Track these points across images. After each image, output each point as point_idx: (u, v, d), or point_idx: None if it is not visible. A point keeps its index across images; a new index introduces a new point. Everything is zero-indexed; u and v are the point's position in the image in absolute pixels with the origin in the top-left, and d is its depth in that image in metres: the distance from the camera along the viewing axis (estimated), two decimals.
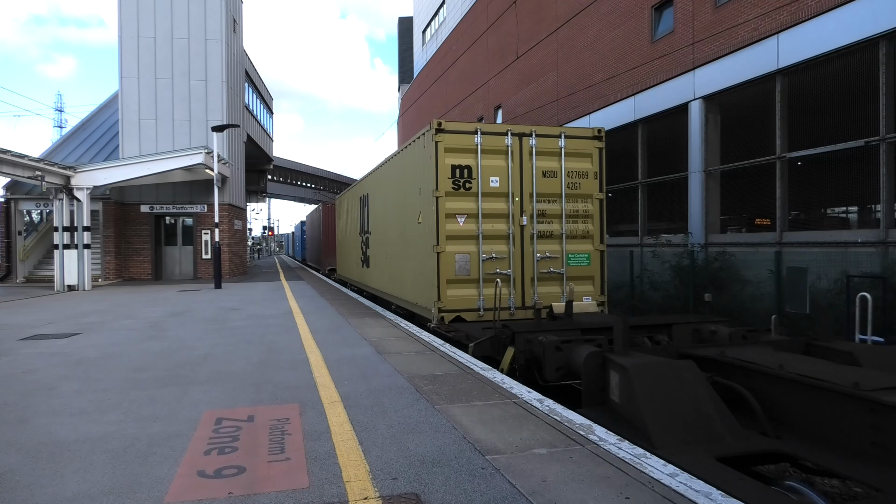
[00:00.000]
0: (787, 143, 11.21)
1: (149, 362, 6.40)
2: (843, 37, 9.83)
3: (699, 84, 13.11)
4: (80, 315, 10.96)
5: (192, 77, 21.10)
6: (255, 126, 29.46)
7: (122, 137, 20.72)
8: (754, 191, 13.11)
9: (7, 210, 20.71)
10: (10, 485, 3.12)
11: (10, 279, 20.75)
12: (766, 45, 11.32)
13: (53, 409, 4.59)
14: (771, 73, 11.25)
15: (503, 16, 23.15)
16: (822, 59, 10.33)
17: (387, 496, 2.93)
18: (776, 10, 11.09)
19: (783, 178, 11.23)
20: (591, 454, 3.47)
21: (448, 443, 3.69)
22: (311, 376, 5.59)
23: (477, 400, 4.68)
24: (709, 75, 12.83)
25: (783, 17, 10.95)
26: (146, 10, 20.74)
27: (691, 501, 2.83)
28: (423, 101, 36.28)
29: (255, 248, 64.90)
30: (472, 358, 6.49)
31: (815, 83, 11.11)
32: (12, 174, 15.49)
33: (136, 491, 3.04)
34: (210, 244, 20.98)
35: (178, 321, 9.89)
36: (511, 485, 3.04)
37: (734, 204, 13.58)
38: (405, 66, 53.01)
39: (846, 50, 9.88)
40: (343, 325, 9.11)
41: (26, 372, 5.98)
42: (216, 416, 4.34)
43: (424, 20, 44.05)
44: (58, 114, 57.17)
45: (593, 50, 17.14)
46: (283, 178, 61.70)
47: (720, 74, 12.50)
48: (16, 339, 8.12)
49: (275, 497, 2.95)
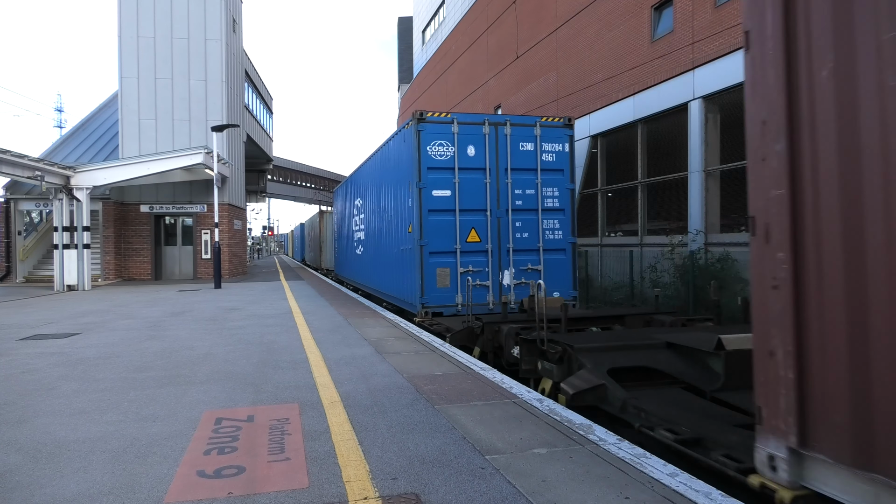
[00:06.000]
0: None
1: (148, 362, 6.40)
2: None
3: (699, 84, 13.11)
4: (79, 315, 10.96)
5: (191, 77, 21.10)
6: (255, 126, 29.46)
7: (121, 137, 20.72)
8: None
9: (7, 210, 20.70)
10: (10, 485, 3.12)
11: (10, 279, 20.75)
12: None
13: (53, 408, 4.59)
14: None
15: (503, 16, 23.16)
16: None
17: (387, 496, 2.93)
18: None
19: None
20: (590, 454, 3.47)
21: (448, 442, 3.68)
22: (311, 376, 5.59)
23: (477, 400, 4.68)
24: (709, 75, 12.83)
25: None
26: (146, 10, 20.73)
27: (691, 501, 2.83)
28: (423, 100, 36.29)
29: (254, 248, 64.92)
30: (472, 358, 6.56)
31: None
32: (12, 174, 15.48)
33: (136, 491, 3.03)
34: (210, 244, 20.98)
35: (177, 321, 9.89)
36: (511, 485, 3.04)
37: (734, 204, 13.58)
38: (405, 66, 53.03)
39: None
40: (343, 325, 9.11)
41: (26, 372, 5.98)
42: (216, 415, 4.34)
43: (424, 20, 44.06)
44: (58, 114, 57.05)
45: (593, 50, 17.14)
46: (283, 178, 61.68)
47: (720, 74, 12.50)
48: (15, 339, 8.12)
49: (274, 497, 2.95)
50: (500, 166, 8.98)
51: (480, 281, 8.92)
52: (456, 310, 8.83)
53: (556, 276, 9.27)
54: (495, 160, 8.96)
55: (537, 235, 9.16)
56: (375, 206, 12.01)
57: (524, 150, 9.10)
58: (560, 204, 9.30)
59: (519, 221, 9.10)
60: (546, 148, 9.18)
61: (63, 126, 54.89)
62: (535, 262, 9.16)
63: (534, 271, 9.17)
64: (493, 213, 8.97)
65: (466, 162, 8.86)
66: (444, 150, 8.75)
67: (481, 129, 8.90)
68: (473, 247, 8.93)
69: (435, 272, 8.75)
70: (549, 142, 9.18)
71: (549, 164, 9.20)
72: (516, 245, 9.11)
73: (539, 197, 9.15)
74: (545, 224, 9.20)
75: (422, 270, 8.69)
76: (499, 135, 8.95)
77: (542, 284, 7.69)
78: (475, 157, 8.91)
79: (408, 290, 9.40)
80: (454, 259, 8.86)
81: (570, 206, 9.35)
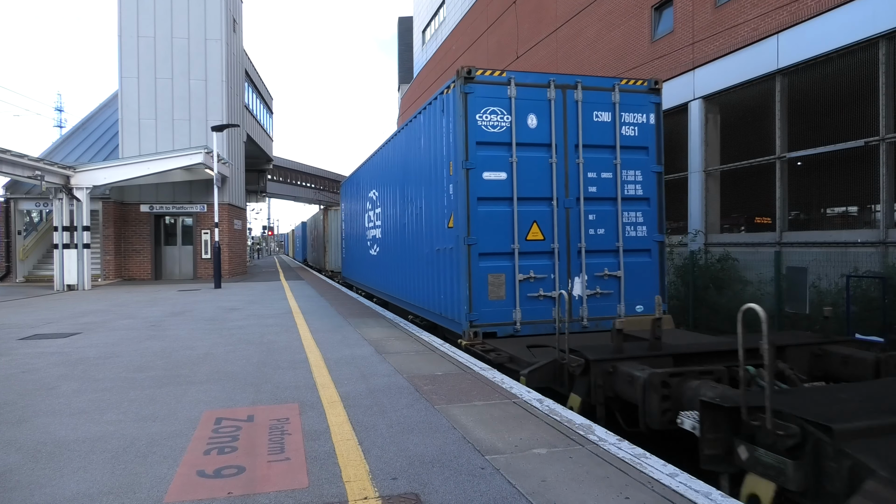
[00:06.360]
0: (786, 142, 11.22)
1: (148, 362, 6.40)
2: (842, 37, 9.84)
3: (699, 84, 13.11)
4: (79, 315, 10.96)
5: (191, 77, 21.10)
6: (255, 126, 29.46)
7: (121, 137, 20.72)
8: (754, 191, 13.11)
9: (7, 210, 20.70)
10: (10, 484, 3.12)
11: (10, 279, 20.75)
12: (765, 44, 11.32)
13: (53, 408, 4.59)
14: (771, 73, 11.25)
15: (503, 15, 23.17)
16: (822, 59, 10.33)
17: (386, 496, 2.93)
18: (776, 10, 11.09)
19: (783, 178, 11.25)
20: (590, 454, 3.47)
21: (448, 443, 3.68)
22: (311, 376, 5.59)
23: (477, 400, 4.67)
24: (709, 75, 12.83)
25: (783, 17, 10.96)
26: (146, 10, 20.73)
27: (691, 501, 2.82)
28: (423, 100, 36.25)
29: (254, 248, 64.93)
30: (472, 358, 6.41)
31: (815, 83, 11.11)
32: (12, 174, 15.48)
33: (136, 491, 3.03)
34: (210, 244, 20.98)
35: (177, 321, 9.89)
36: (511, 485, 3.04)
37: (734, 204, 13.59)
38: (405, 66, 53.04)
39: (846, 50, 9.88)
40: (343, 325, 9.11)
41: (26, 371, 5.98)
42: (216, 415, 4.34)
43: (424, 20, 44.08)
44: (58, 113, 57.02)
45: (593, 50, 17.14)
46: (283, 177, 61.67)
47: (720, 74, 12.50)
48: (15, 339, 8.12)
49: (274, 497, 2.94)
50: (570, 142, 7.29)
51: (544, 291, 7.17)
52: (513, 329, 7.05)
53: (639, 284, 7.53)
54: (563, 134, 7.26)
55: (615, 232, 7.47)
56: (398, 197, 10.26)
57: (599, 121, 7.41)
58: (644, 192, 7.58)
59: (593, 214, 7.40)
60: (626, 119, 7.50)
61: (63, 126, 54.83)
62: (614, 267, 7.43)
63: (612, 278, 7.42)
64: (560, 203, 7.26)
65: (526, 135, 7.15)
66: (498, 119, 7.07)
67: (545, 94, 7.23)
68: (535, 246, 7.20)
69: (486, 279, 6.98)
70: (630, 111, 7.52)
71: (630, 139, 7.52)
72: (589, 245, 7.36)
73: (618, 182, 7.45)
74: (625, 217, 7.51)
75: (470, 277, 6.92)
76: (567, 101, 7.28)
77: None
78: (537, 130, 7.20)
79: (447, 303, 7.63)
80: (510, 262, 7.10)
81: (656, 194, 7.64)
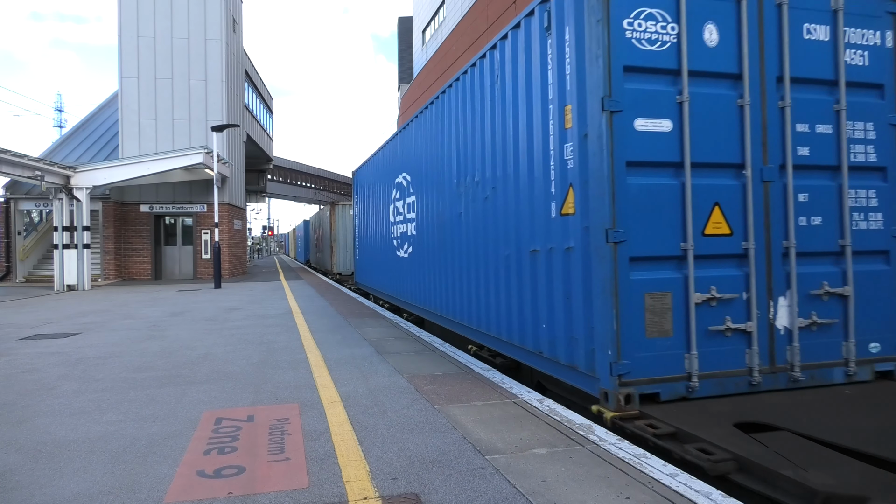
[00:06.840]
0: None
1: (148, 362, 6.40)
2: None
3: None
4: (79, 315, 10.96)
5: (191, 77, 21.10)
6: (255, 126, 29.47)
7: (121, 137, 20.73)
8: None
9: (7, 210, 20.71)
10: (10, 484, 3.12)
11: (10, 279, 20.75)
12: None
13: (53, 408, 4.59)
14: None
15: (503, 15, 23.15)
16: None
17: (387, 496, 2.93)
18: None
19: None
20: (590, 454, 3.47)
21: (448, 443, 3.68)
22: (311, 376, 5.59)
23: (477, 400, 4.67)
24: None
25: None
26: (146, 10, 20.74)
27: (691, 501, 2.82)
28: (424, 100, 36.25)
29: (254, 248, 64.96)
30: (472, 357, 6.36)
31: None
32: (12, 174, 15.48)
33: (136, 491, 3.03)
34: (210, 244, 20.99)
35: (177, 321, 9.89)
36: (511, 485, 3.04)
37: None
38: (405, 66, 53.02)
39: None
40: (343, 325, 9.11)
41: (26, 372, 5.98)
42: (216, 415, 4.34)
43: (424, 20, 44.06)
44: (58, 114, 57.04)
45: None
46: (283, 177, 61.65)
47: None
48: (15, 339, 8.12)
49: (274, 497, 2.95)
50: (768, 73, 4.46)
51: (733, 322, 4.31)
52: (685, 387, 4.18)
53: (872, 307, 4.67)
54: (758, 58, 4.43)
55: (838, 222, 4.62)
56: (448, 177, 7.43)
57: (811, 39, 4.57)
58: (879, 158, 4.72)
59: (804, 192, 4.53)
60: (852, 38, 4.66)
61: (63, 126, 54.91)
62: (836, 280, 4.59)
63: (834, 298, 4.57)
64: (755, 174, 4.41)
65: (703, 58, 4.32)
66: (658, 29, 4.23)
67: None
68: (718, 245, 4.35)
69: (642, 302, 4.16)
70: (858, 25, 4.68)
71: (857, 71, 4.66)
72: (801, 244, 4.49)
73: (842, 140, 4.59)
74: (853, 198, 4.65)
75: (616, 299, 4.07)
76: (763, 5, 4.46)
77: None
78: (719, 50, 4.37)
79: (558, 338, 4.79)
80: (679, 273, 4.26)
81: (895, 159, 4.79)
